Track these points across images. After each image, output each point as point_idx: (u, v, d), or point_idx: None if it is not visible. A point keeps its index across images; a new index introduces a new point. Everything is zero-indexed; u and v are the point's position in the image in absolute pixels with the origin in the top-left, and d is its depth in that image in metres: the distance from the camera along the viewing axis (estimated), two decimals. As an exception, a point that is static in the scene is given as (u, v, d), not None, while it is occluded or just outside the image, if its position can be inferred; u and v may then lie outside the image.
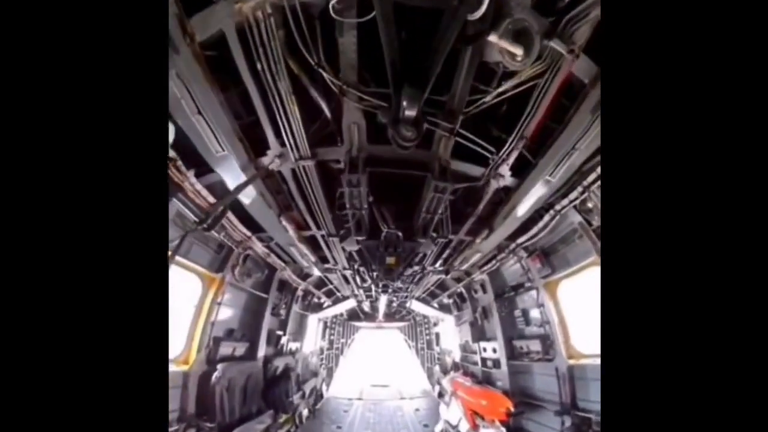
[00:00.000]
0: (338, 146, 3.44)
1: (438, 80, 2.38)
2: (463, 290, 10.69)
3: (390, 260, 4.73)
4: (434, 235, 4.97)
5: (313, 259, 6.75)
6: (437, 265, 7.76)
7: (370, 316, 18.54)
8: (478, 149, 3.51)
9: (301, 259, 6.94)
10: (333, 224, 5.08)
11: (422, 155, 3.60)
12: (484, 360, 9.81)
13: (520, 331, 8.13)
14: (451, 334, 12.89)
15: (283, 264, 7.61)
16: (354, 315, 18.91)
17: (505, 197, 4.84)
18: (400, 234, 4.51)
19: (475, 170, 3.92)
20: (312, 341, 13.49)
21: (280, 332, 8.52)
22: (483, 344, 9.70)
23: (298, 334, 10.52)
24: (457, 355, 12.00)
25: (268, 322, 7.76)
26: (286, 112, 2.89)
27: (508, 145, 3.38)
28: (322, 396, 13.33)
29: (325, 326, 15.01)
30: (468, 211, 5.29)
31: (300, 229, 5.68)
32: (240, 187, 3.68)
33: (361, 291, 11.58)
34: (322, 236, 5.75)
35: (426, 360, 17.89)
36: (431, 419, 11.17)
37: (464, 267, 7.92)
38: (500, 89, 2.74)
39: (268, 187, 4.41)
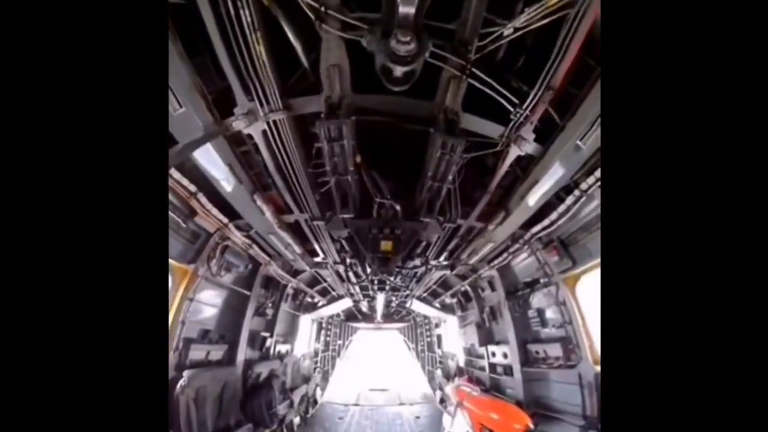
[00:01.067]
0: (317, 95, 2.66)
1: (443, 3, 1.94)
2: (469, 288, 9.82)
3: (386, 245, 3.85)
4: (440, 218, 4.12)
5: (299, 250, 5.90)
6: (441, 258, 6.92)
7: (369, 317, 17.71)
8: (497, 97, 2.67)
9: (285, 250, 6.09)
10: (317, 207, 4.25)
11: (424, 107, 2.79)
12: (492, 366, 8.93)
13: (535, 334, 7.27)
14: (454, 336, 12.01)
15: (267, 258, 6.75)
16: (351, 316, 18.20)
17: (523, 174, 4.02)
18: (398, 208, 3.62)
19: (490, 129, 3.08)
20: (305, 343, 12.60)
21: (265, 334, 7.62)
22: (491, 348, 8.82)
23: (289, 336, 9.62)
24: (461, 359, 11.10)
25: (251, 322, 6.88)
26: (251, 54, 2.28)
27: (533, 96, 2.62)
28: (316, 402, 12.44)
29: (320, 327, 14.10)
30: (477, 195, 4.46)
31: (280, 213, 4.84)
32: (193, 144, 2.83)
33: (357, 289, 10.76)
34: (306, 221, 4.90)
35: (427, 363, 16.98)
36: (433, 428, 10.30)
37: (473, 261, 7.08)
38: (522, 20, 2.12)
39: (240, 159, 3.61)
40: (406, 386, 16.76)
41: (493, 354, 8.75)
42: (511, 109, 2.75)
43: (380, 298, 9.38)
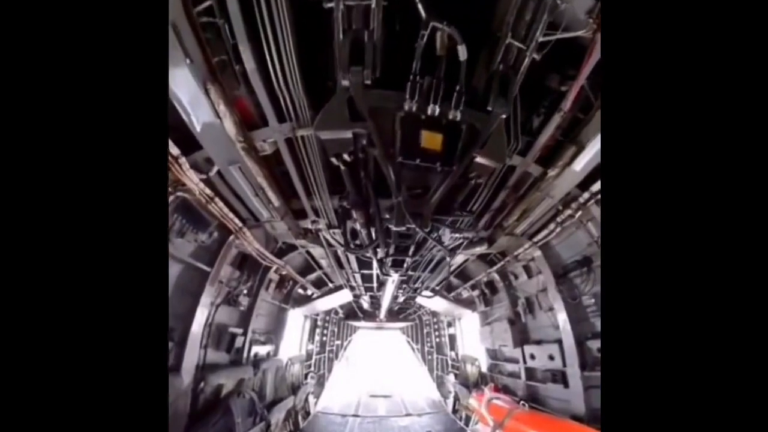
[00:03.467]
0: None
1: None
2: (496, 276, 7.95)
3: (430, 139, 2.26)
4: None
5: (276, 203, 4.00)
6: (480, 225, 5.03)
7: (370, 315, 15.81)
8: None
9: (262, 208, 4.18)
10: (308, 108, 2.63)
11: None
12: (530, 371, 7.06)
13: (593, 327, 5.53)
14: (474, 336, 10.10)
15: (238, 224, 4.84)
16: (351, 314, 16.30)
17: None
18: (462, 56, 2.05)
19: None
20: (295, 344, 10.65)
21: (236, 330, 5.67)
22: (530, 349, 6.94)
23: (272, 335, 7.66)
24: (484, 364, 9.19)
25: (213, 312, 4.97)
26: None
27: None
28: (308, 413, 10.50)
29: (315, 325, 12.13)
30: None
31: (247, 121, 3.01)
32: None
33: (359, 280, 8.85)
34: (291, 137, 3.04)
35: (435, 366, 15.04)
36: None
37: (520, 229, 5.21)
38: None
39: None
40: (412, 392, 15.07)
41: (532, 356, 6.88)
42: None
43: (388, 289, 7.35)
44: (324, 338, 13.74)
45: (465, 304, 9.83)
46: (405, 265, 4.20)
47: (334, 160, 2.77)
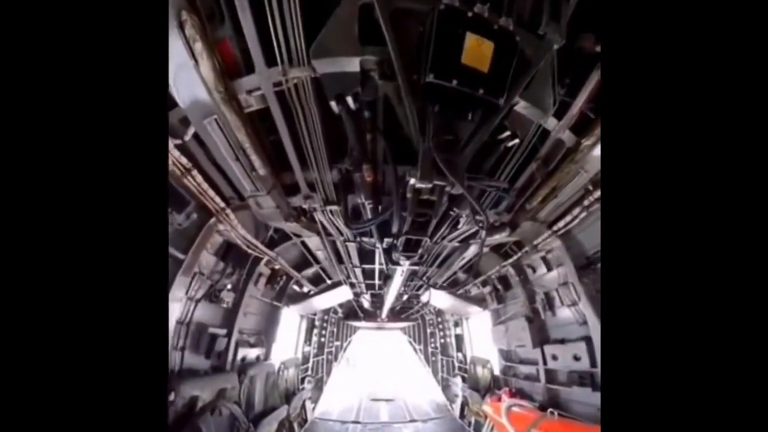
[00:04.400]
0: None
1: None
2: (511, 270, 7.21)
3: (477, 49, 1.68)
4: None
5: (262, 171, 3.30)
6: (502, 207, 4.32)
7: (371, 315, 15.08)
8: None
9: (245, 178, 3.46)
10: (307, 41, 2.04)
11: None
12: (550, 373, 6.34)
13: None
14: (483, 336, 9.37)
15: (220, 203, 4.13)
16: (351, 313, 15.57)
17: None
18: None
19: None
20: (290, 346, 9.90)
21: (218, 331, 4.92)
22: (551, 349, 6.23)
23: (263, 336, 6.89)
24: (496, 366, 8.45)
25: (188, 309, 4.23)
26: None
27: None
28: (305, 420, 9.74)
29: (312, 325, 11.36)
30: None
31: (229, 69, 2.44)
32: None
33: (360, 276, 8.10)
34: (281, 80, 2.39)
35: (441, 369, 14.29)
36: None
37: (543, 213, 4.53)
38: None
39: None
40: (415, 396, 14.35)
41: (554, 357, 6.17)
42: None
43: (395, 283, 6.52)
44: (322, 339, 12.96)
45: (475, 301, 9.09)
46: (421, 250, 3.43)
47: (334, 105, 2.20)
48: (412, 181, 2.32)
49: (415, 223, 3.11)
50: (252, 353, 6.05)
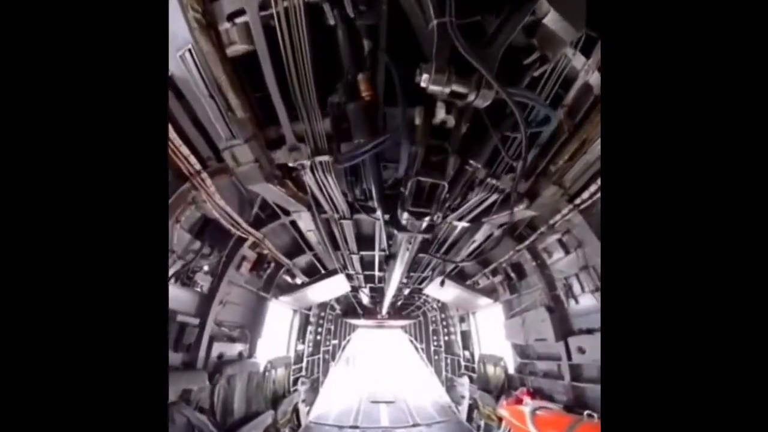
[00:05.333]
0: None
1: None
2: (527, 255, 6.40)
3: None
4: None
5: (239, 113, 2.57)
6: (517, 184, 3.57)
7: (370, 312, 14.30)
8: None
9: (218, 121, 2.73)
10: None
11: None
12: (576, 369, 5.56)
13: None
14: (494, 331, 8.59)
15: (195, 165, 3.42)
16: (349, 310, 14.79)
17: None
18: None
19: None
20: (280, 343, 9.07)
21: (188, 319, 4.09)
22: (576, 341, 5.47)
23: (246, 330, 6.04)
24: (510, 364, 7.65)
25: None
26: None
27: None
28: (299, 424, 8.91)
29: (306, 321, 10.51)
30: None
31: None
32: None
33: (358, 265, 7.29)
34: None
35: (445, 368, 13.48)
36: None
37: (570, 176, 3.81)
38: None
39: None
40: (417, 397, 13.61)
41: (581, 350, 5.39)
42: None
43: (400, 261, 5.62)
44: (318, 337, 12.12)
45: (484, 292, 8.29)
46: (435, 206, 2.60)
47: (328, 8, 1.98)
48: (424, 80, 1.75)
49: (428, 163, 2.33)
50: (232, 349, 5.22)
